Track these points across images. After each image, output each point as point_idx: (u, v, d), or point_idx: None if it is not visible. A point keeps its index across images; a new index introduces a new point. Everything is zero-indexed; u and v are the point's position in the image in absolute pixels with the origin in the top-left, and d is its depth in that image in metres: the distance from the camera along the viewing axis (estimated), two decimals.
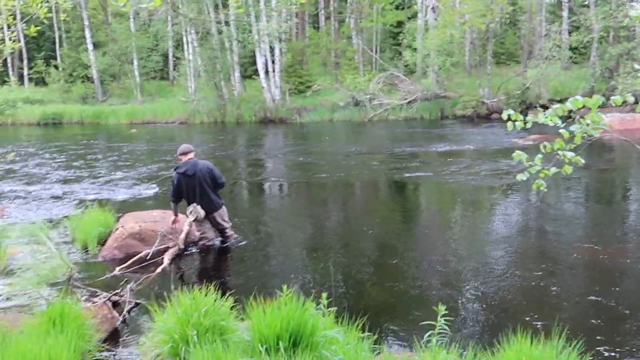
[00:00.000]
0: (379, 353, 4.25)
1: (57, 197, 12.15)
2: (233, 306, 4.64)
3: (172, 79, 36.41)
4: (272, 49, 28.37)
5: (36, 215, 10.48)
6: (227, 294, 4.81)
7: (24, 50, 37.00)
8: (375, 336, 4.47)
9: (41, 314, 4.70)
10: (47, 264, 7.50)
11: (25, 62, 38.03)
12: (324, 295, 4.44)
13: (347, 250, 8.01)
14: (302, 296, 4.32)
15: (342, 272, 6.93)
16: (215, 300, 4.41)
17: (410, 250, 7.90)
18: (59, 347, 3.89)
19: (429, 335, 3.90)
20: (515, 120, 3.92)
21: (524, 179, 4.13)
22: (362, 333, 4.31)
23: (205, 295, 4.45)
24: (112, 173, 14.85)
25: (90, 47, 34.45)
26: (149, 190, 12.51)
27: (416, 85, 26.88)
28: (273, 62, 28.48)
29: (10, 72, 36.84)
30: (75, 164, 16.90)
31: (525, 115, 4.06)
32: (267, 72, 28.31)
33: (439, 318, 3.86)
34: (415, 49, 27.80)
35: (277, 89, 28.32)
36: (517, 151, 4.08)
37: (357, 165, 14.87)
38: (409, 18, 32.35)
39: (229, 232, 8.23)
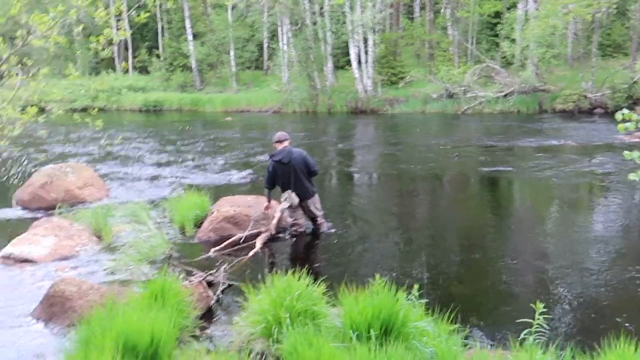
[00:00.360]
0: (470, 348, 4.17)
1: (156, 180, 12.74)
2: (324, 292, 4.70)
3: (267, 69, 37.11)
4: (365, 40, 28.27)
5: (138, 196, 11.04)
6: (318, 280, 4.88)
7: (129, 41, 38.92)
8: (466, 331, 4.39)
9: (144, 289, 4.95)
10: (147, 242, 7.89)
11: (130, 51, 39.95)
12: (416, 286, 4.41)
13: (436, 242, 7.90)
14: (393, 286, 4.32)
15: (431, 265, 6.85)
16: (307, 285, 4.48)
17: (501, 246, 7.68)
18: (160, 320, 4.09)
19: (526, 333, 3.78)
20: (628, 121, 3.68)
21: (637, 179, 3.90)
22: (453, 327, 4.25)
23: (298, 279, 4.52)
24: (208, 158, 15.37)
25: (190, 37, 35.75)
26: (243, 176, 12.85)
27: (513, 77, 25.92)
28: (366, 52, 28.39)
29: (117, 61, 38.84)
30: (173, 148, 17.64)
31: (631, 109, 3.82)
32: (359, 62, 28.26)
33: (536, 315, 3.73)
34: (513, 40, 26.80)
35: (369, 80, 28.22)
36: (627, 151, 3.86)
37: (448, 158, 14.58)
38: (507, 8, 31.19)
39: (321, 220, 8.33)
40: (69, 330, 5.27)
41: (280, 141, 8.12)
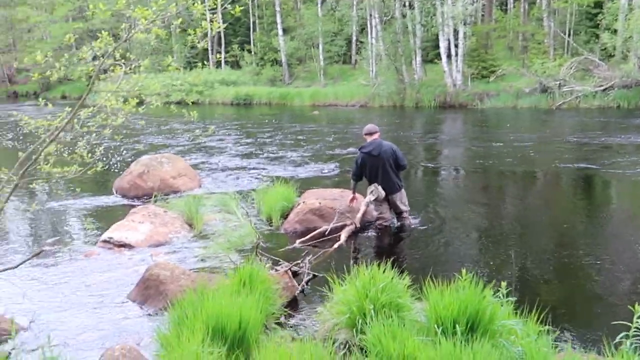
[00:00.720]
0: (560, 350, 4.01)
1: (245, 171, 13.08)
2: (409, 285, 4.67)
3: (354, 63, 37.16)
4: (456, 33, 27.69)
5: (227, 187, 11.40)
6: (403, 273, 4.85)
7: (222, 35, 40.08)
8: (557, 332, 4.23)
9: (233, 275, 5.12)
10: (236, 232, 8.14)
11: (222, 46, 41.15)
12: (503, 283, 4.29)
13: (525, 240, 7.65)
14: (480, 282, 4.23)
15: (520, 263, 6.65)
16: (392, 278, 4.48)
17: (594, 246, 7.31)
18: (248, 306, 4.22)
19: (622, 337, 3.60)
20: None
21: None
22: (542, 327, 4.10)
23: (383, 272, 4.52)
24: (295, 151, 15.61)
25: (280, 32, 36.40)
26: (329, 169, 12.96)
27: (614, 71, 24.54)
28: (456, 46, 27.80)
29: (210, 56, 40.12)
30: (262, 141, 18.04)
31: None
32: (449, 56, 27.72)
33: (635, 318, 3.54)
34: (615, 31, 25.38)
35: (459, 74, 27.63)
36: None
37: (540, 154, 14.04)
38: None
39: (406, 215, 8.26)
40: (162, 312, 5.54)
41: (370, 133, 8.12)
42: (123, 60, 5.18)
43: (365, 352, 3.93)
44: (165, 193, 10.60)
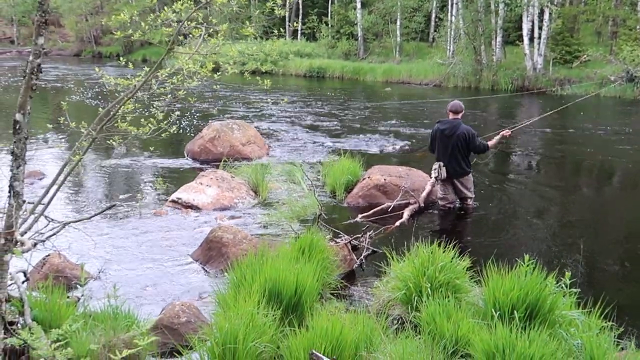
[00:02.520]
0: (622, 349, 3.87)
1: (313, 143, 13.15)
2: (468, 268, 4.60)
3: (432, 41, 36.38)
4: (541, 14, 26.58)
5: (294, 157, 11.51)
6: (463, 256, 4.78)
7: (300, 6, 40.08)
8: (620, 329, 4.07)
9: (293, 243, 5.19)
10: (300, 202, 8.24)
11: (300, 17, 41.17)
12: (567, 274, 4.16)
13: (596, 232, 7.37)
14: (543, 270, 4.12)
15: (588, 254, 6.40)
16: (452, 259, 4.42)
17: None
18: (305, 272, 4.29)
19: None
20: None
21: None
22: (606, 323, 3.96)
23: (443, 252, 4.48)
24: (364, 126, 15.54)
25: (358, 5, 36.01)
26: (397, 146, 12.85)
27: None
28: (540, 28, 26.68)
29: (287, 26, 40.23)
30: (332, 113, 18.05)
31: None
32: (531, 38, 26.67)
33: None
34: None
35: (541, 57, 26.56)
36: None
37: (621, 147, 13.38)
38: None
39: (470, 202, 8.11)
40: (223, 274, 5.70)
41: (454, 111, 7.96)
42: (204, 24, 5.29)
43: (418, 329, 3.92)
44: (234, 159, 10.81)
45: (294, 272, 4.18)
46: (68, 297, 4.51)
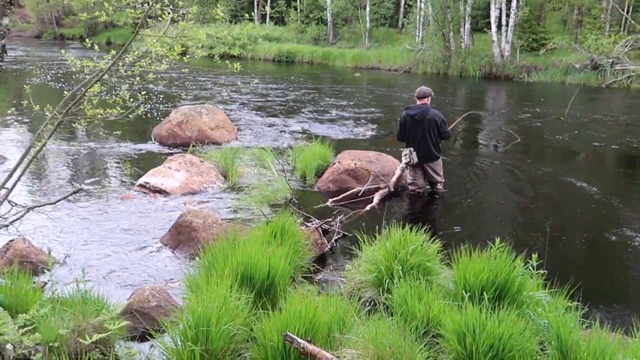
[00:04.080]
0: (587, 327, 3.96)
1: (282, 128, 13.09)
2: (439, 251, 4.65)
3: (401, 27, 36.44)
4: (508, 2, 26.85)
5: (263, 141, 11.45)
6: (434, 239, 4.83)
7: None
8: (585, 309, 4.17)
9: (265, 227, 5.18)
10: (270, 186, 8.20)
11: (268, 1, 40.80)
12: (534, 256, 4.24)
13: (562, 217, 7.51)
14: (511, 253, 4.19)
15: (554, 237, 6.55)
16: (423, 242, 4.46)
17: (636, 227, 7.14)
18: (277, 256, 4.28)
19: None
20: None
21: None
22: (571, 303, 4.05)
23: (415, 235, 4.51)
24: (333, 111, 15.53)
25: None
26: (367, 131, 12.88)
27: None
28: (508, 15, 26.96)
29: (255, 10, 39.81)
30: (302, 99, 17.99)
31: None
32: (499, 26, 26.95)
33: None
34: None
35: (508, 45, 26.86)
36: None
37: (584, 132, 13.64)
38: None
39: (440, 187, 8.19)
40: (193, 258, 5.66)
41: (421, 97, 7.98)
42: (171, 7, 5.18)
43: (390, 311, 3.95)
44: (203, 143, 10.70)
45: (266, 256, 4.17)
46: (34, 282, 4.41)
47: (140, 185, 8.11)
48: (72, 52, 7.24)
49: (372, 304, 4.26)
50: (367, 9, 34.43)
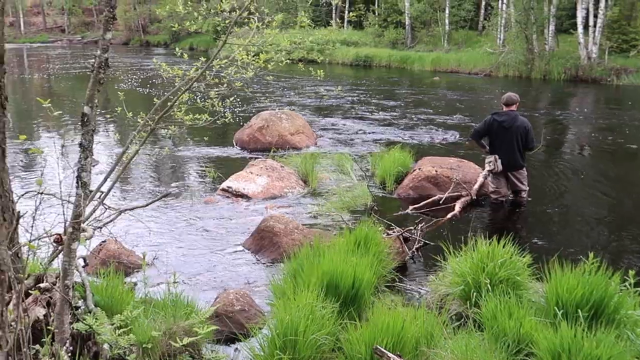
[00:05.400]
0: None
1: (362, 133, 13.07)
2: (529, 264, 4.49)
3: (481, 29, 35.63)
4: (596, 1, 25.70)
5: (342, 147, 11.47)
6: (522, 251, 4.66)
7: None
8: None
9: (348, 235, 5.17)
10: (349, 192, 8.20)
11: (347, 5, 40.91)
12: (632, 272, 4.02)
13: None
14: (606, 268, 3.99)
15: None
16: (511, 255, 4.32)
17: None
18: (362, 265, 4.26)
19: None
20: None
21: None
22: None
23: (503, 247, 4.37)
24: (413, 116, 15.35)
25: None
26: (447, 137, 12.65)
27: None
28: (595, 15, 25.81)
29: (334, 15, 40.02)
30: (379, 103, 17.90)
31: None
32: (586, 26, 25.81)
33: None
34: None
35: (595, 46, 25.69)
36: None
37: None
38: None
39: (524, 195, 7.93)
40: (275, 263, 5.73)
41: (508, 104, 7.79)
42: (257, 14, 5.29)
43: (479, 325, 3.84)
44: (283, 148, 10.84)
45: (351, 265, 4.15)
46: (125, 283, 4.60)
47: (223, 190, 8.30)
48: (157, 59, 7.52)
49: (458, 317, 4.16)
50: (447, 11, 33.90)
